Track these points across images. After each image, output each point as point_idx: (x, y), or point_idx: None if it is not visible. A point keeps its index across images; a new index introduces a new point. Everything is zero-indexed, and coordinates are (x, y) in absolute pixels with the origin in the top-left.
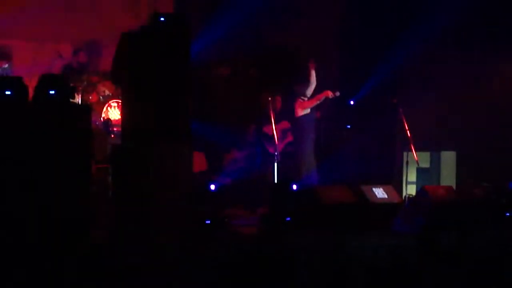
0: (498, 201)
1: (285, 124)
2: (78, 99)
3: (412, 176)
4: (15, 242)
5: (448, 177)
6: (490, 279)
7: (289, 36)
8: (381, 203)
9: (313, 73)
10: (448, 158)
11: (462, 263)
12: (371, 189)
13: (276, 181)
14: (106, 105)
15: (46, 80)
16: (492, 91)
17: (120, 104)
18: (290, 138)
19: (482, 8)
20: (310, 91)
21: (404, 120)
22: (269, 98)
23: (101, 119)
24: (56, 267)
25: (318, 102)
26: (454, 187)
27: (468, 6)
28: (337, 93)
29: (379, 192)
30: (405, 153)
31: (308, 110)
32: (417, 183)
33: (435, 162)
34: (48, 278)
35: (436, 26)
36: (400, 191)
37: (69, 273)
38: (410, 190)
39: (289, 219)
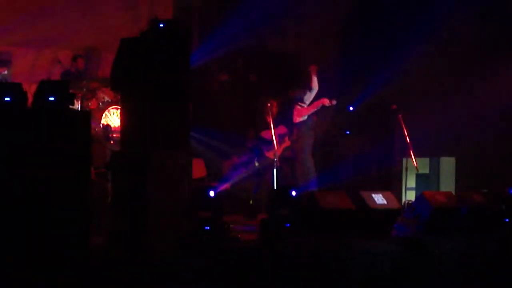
0: (497, 207)
1: (282, 129)
2: (77, 106)
3: (411, 182)
4: (15, 246)
5: (447, 183)
6: (489, 284)
7: (288, 42)
8: (381, 209)
9: (315, 79)
10: (447, 164)
11: (461, 268)
12: (371, 195)
13: (275, 186)
14: (106, 111)
15: (46, 86)
16: (491, 97)
17: (119, 110)
18: (287, 143)
19: (482, 13)
20: (308, 97)
21: (403, 126)
22: (268, 104)
23: (101, 125)
24: (56, 272)
25: (316, 109)
26: (453, 193)
27: (468, 11)
28: (334, 102)
29: (379, 198)
30: (404, 159)
31: (305, 117)
32: (416, 189)
33: (434, 168)
34: (47, 283)
35: (435, 32)
36: (399, 197)
37: (69, 278)
38: (410, 196)
39: (288, 225)
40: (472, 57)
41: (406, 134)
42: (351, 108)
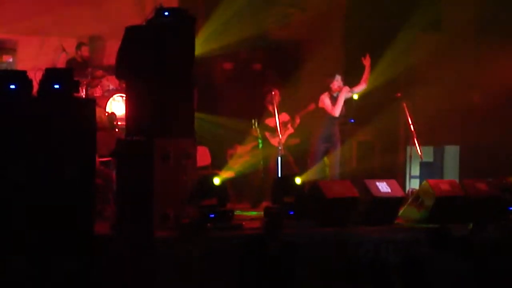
0: (501, 195)
1: (285, 117)
2: (82, 94)
3: (415, 170)
4: (18, 233)
5: (451, 171)
6: (497, 272)
7: (292, 30)
8: (385, 197)
9: (366, 75)
10: (452, 152)
11: (470, 256)
12: (375, 183)
13: (279, 174)
14: (110, 99)
15: (51, 74)
16: (495, 85)
17: (124, 98)
18: (291, 130)
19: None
20: (337, 85)
21: (408, 115)
22: (273, 92)
23: (106, 113)
24: (60, 260)
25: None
26: (457, 181)
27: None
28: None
29: (383, 186)
30: (408, 147)
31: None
32: (420, 177)
33: (439, 157)
34: (52, 271)
35: (439, 20)
36: (403, 185)
37: (73, 266)
38: (414, 184)
39: (292, 213)
40: (477, 45)
41: (410, 122)
42: (355, 97)
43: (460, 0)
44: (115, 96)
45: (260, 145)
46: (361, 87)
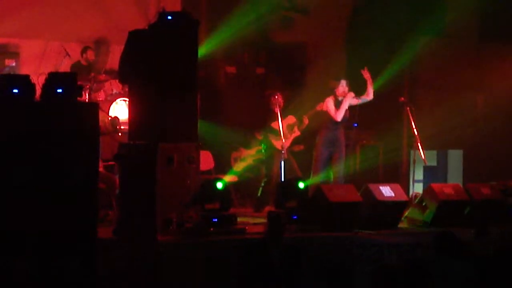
0: (504, 199)
1: (292, 119)
2: (85, 98)
3: (419, 174)
4: (21, 236)
5: (454, 176)
6: (500, 277)
7: (295, 35)
8: (388, 201)
9: (370, 87)
10: (455, 156)
11: (473, 260)
12: (378, 187)
13: (283, 178)
14: (113, 103)
15: (54, 78)
16: (498, 90)
17: (127, 102)
18: (297, 133)
19: (488, 7)
20: (342, 90)
21: (411, 119)
22: (276, 96)
23: (109, 117)
24: (63, 263)
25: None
26: (461, 185)
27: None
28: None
29: (386, 191)
30: (412, 152)
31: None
32: (424, 181)
33: (442, 161)
34: (55, 274)
35: (442, 25)
36: (407, 189)
37: (76, 269)
38: (417, 188)
39: (295, 217)
40: (480, 50)
41: (414, 126)
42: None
43: (464, 6)
44: (118, 100)
45: (264, 149)
46: (366, 99)
